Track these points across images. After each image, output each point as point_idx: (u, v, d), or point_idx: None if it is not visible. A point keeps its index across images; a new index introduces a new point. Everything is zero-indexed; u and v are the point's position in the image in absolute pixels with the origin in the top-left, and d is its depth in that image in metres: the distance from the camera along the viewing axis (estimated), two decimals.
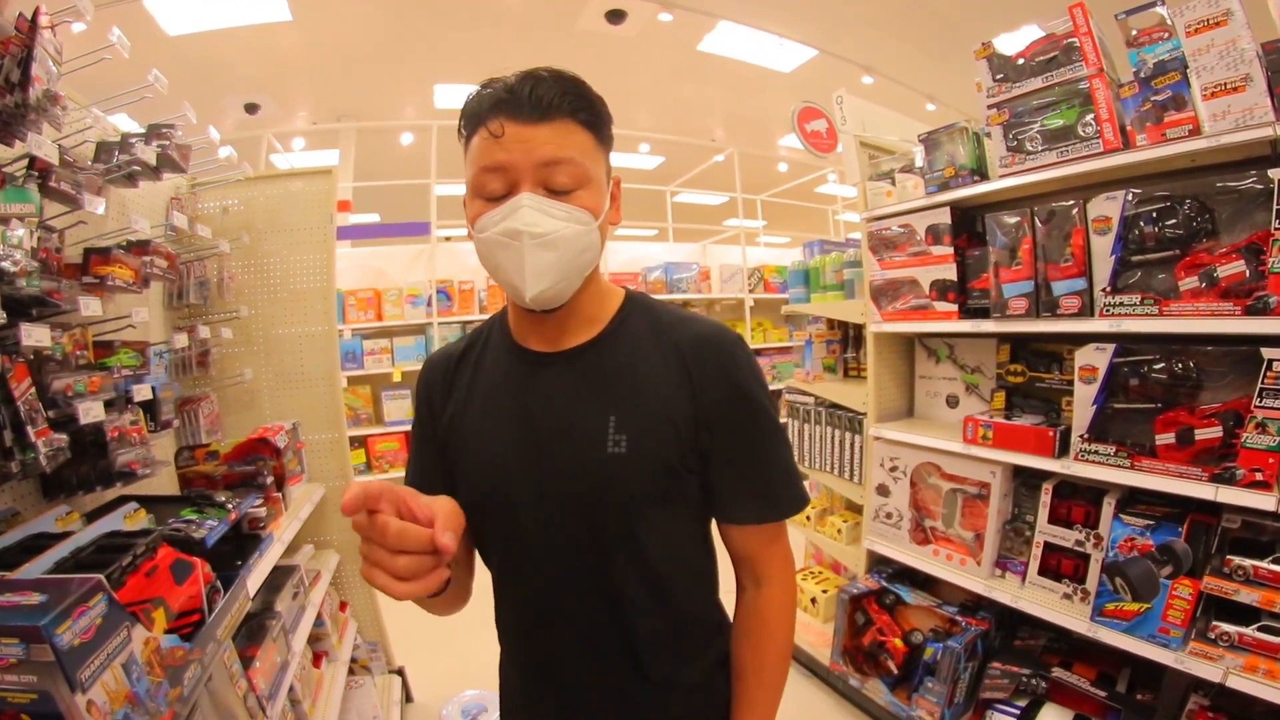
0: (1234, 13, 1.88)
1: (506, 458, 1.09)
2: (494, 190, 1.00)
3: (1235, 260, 1.89)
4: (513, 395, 1.13)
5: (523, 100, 0.97)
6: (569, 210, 0.99)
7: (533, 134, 0.97)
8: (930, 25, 7.04)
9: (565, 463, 1.06)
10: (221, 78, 7.23)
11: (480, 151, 1.00)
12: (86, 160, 1.82)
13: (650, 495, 1.06)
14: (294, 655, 2.15)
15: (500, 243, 0.99)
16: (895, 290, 2.96)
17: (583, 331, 1.13)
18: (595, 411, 1.06)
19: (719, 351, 1.10)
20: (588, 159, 1.02)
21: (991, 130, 2.48)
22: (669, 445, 1.06)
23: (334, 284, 3.06)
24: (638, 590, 1.08)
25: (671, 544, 1.11)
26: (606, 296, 1.17)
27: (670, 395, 1.07)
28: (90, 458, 1.67)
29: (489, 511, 1.12)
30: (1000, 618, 2.78)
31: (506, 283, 1.02)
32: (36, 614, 0.91)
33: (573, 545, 1.07)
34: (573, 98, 1.00)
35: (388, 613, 3.42)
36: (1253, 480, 1.85)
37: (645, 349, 1.11)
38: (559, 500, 1.06)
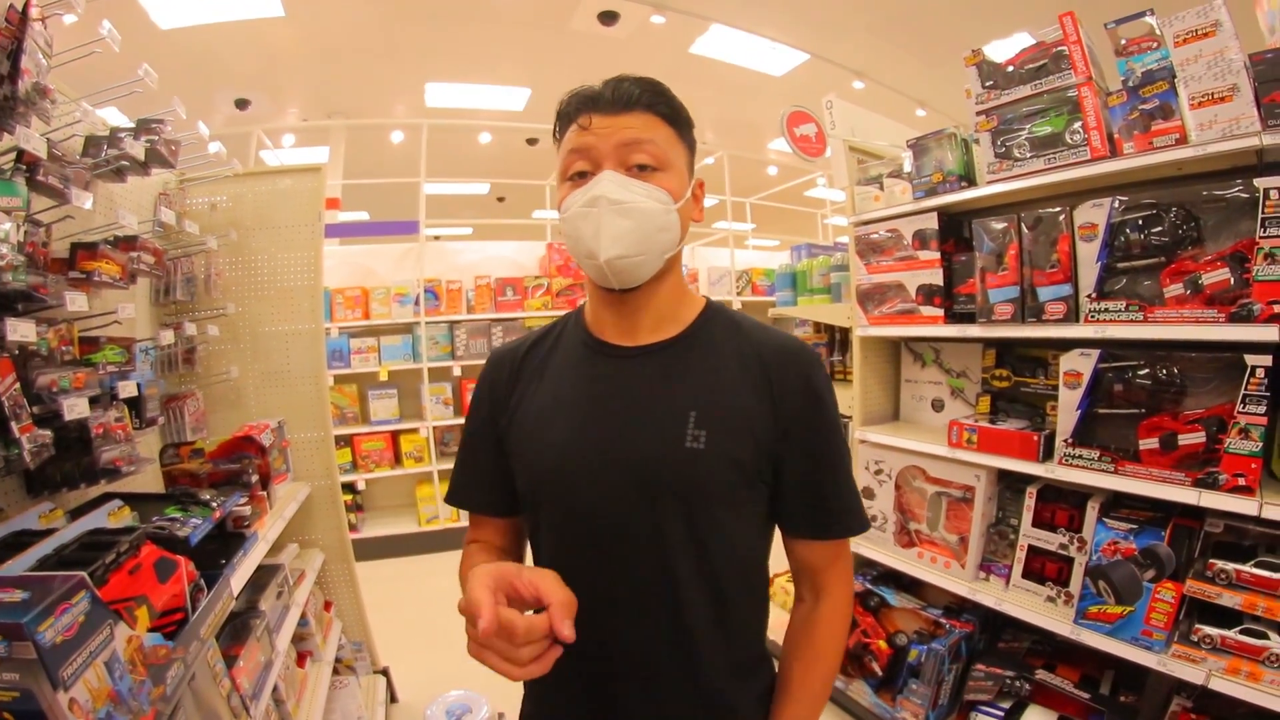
0: (1222, 24, 1.90)
1: (574, 443, 1.11)
2: (580, 170, 1.07)
3: (1220, 268, 1.91)
4: (587, 384, 1.15)
5: (606, 96, 1.06)
6: (647, 188, 1.05)
7: (614, 122, 1.05)
8: (922, 31, 7.08)
9: (640, 452, 1.07)
10: (213, 73, 7.20)
11: (568, 140, 1.09)
12: (75, 154, 1.80)
13: (722, 495, 1.08)
14: (278, 655, 2.14)
15: (581, 213, 1.05)
16: (882, 294, 2.97)
17: (663, 329, 1.16)
18: (676, 405, 1.09)
19: (800, 365, 1.13)
20: (667, 145, 1.09)
21: (980, 136, 2.50)
22: (746, 447, 1.08)
23: (321, 282, 3.05)
24: (698, 594, 1.08)
25: (734, 552, 1.12)
26: (688, 300, 1.21)
27: (750, 400, 1.09)
28: (74, 454, 1.65)
29: (548, 497, 1.14)
30: (984, 620, 2.79)
31: (584, 252, 1.07)
32: (18, 611, 0.91)
33: (635, 537, 1.08)
34: (651, 94, 1.08)
35: (373, 613, 3.41)
36: (1235, 485, 1.87)
37: (726, 353, 1.14)
38: (629, 488, 1.07)
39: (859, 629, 2.99)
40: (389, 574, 5.22)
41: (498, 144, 9.99)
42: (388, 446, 5.96)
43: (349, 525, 3.45)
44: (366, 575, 3.42)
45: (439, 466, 5.97)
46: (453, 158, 9.61)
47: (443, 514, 5.92)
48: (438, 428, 6.06)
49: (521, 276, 6.37)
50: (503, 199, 12.95)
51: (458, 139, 9.31)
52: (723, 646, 1.12)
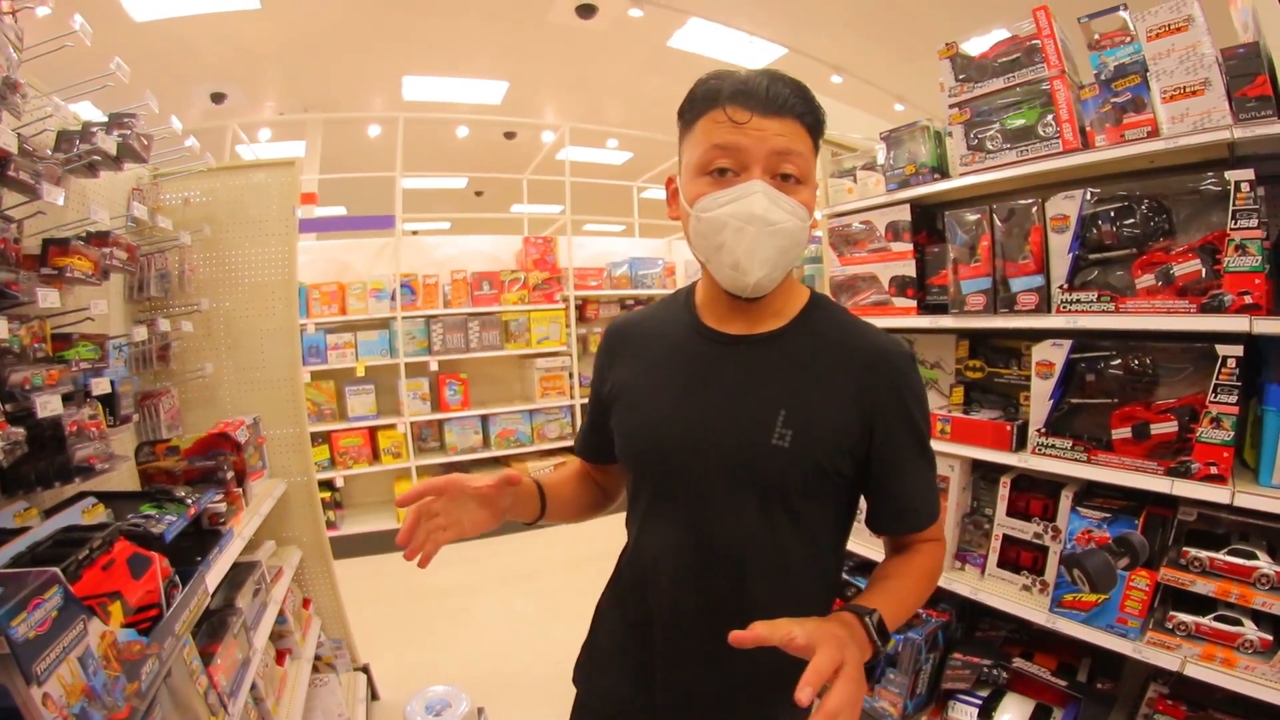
0: (1195, 19, 1.92)
1: (671, 421, 1.16)
2: (722, 167, 1.06)
3: (1191, 259, 1.94)
4: (688, 366, 1.20)
5: (760, 94, 1.03)
6: (793, 205, 1.06)
7: (767, 125, 1.03)
8: (900, 26, 7.10)
9: (729, 441, 1.12)
10: (188, 66, 7.10)
11: (713, 131, 1.06)
12: (46, 149, 1.78)
13: (800, 489, 1.13)
14: (256, 652, 2.13)
15: (730, 225, 1.05)
16: (855, 286, 2.99)
17: (768, 321, 1.19)
18: (767, 401, 1.12)
19: (894, 365, 1.16)
20: (810, 157, 1.10)
21: (953, 129, 2.51)
22: (829, 448, 1.12)
23: (295, 277, 3.03)
24: (765, 574, 1.13)
25: (806, 536, 1.17)
26: (794, 292, 1.23)
27: (840, 398, 1.13)
28: (48, 453, 1.64)
29: (639, 468, 1.21)
30: (961, 609, 2.82)
31: (730, 264, 1.08)
32: None
33: (715, 516, 1.13)
34: (803, 101, 1.07)
35: (352, 610, 3.40)
36: (1208, 474, 1.89)
37: (824, 349, 1.17)
38: (714, 474, 1.13)
39: None
40: (368, 571, 5.19)
41: (475, 138, 9.94)
42: (365, 443, 5.93)
43: (328, 522, 3.44)
44: (346, 572, 3.41)
45: (417, 462, 5.95)
46: (430, 152, 9.55)
47: None
48: (415, 423, 6.04)
49: (498, 271, 6.36)
50: (480, 193, 12.90)
51: (435, 133, 9.25)
52: None
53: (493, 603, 4.61)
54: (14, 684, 0.90)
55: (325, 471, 5.68)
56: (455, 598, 4.64)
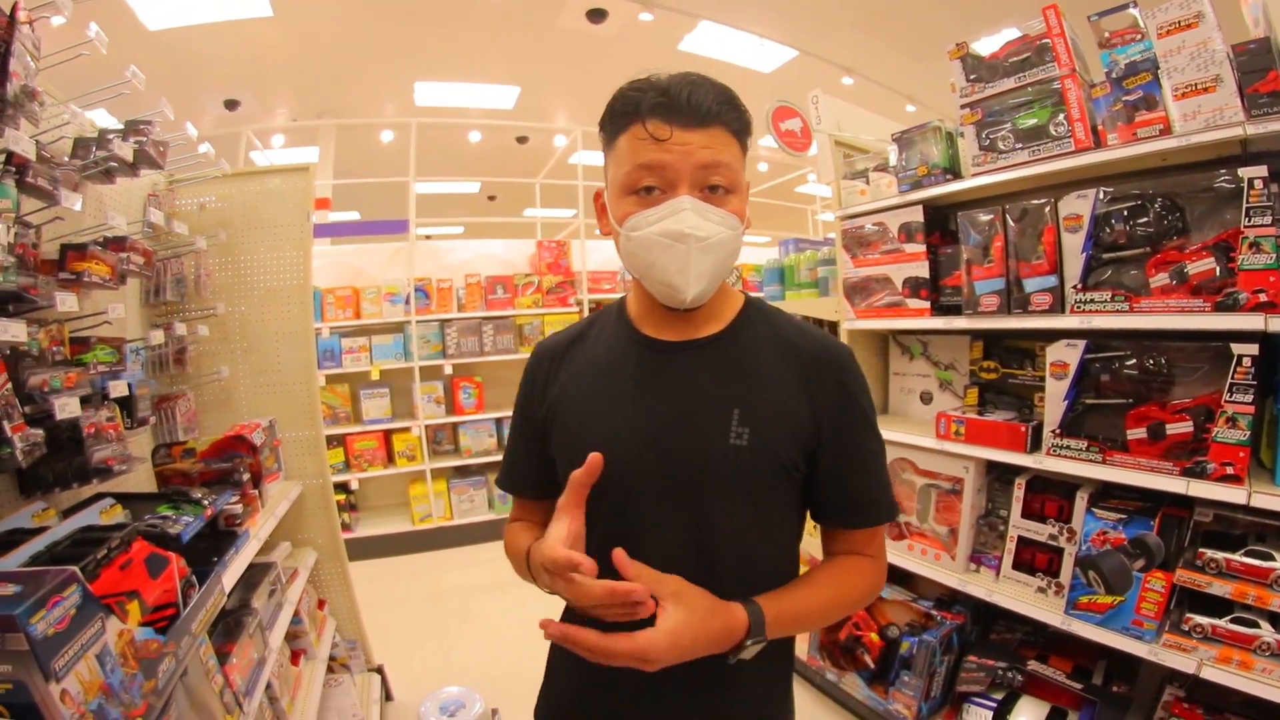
0: (1205, 15, 1.91)
1: (622, 435, 1.12)
2: (649, 186, 1.03)
3: (1205, 257, 1.93)
4: (632, 377, 1.17)
5: (682, 104, 1.00)
6: (723, 215, 1.05)
7: (691, 138, 1.01)
8: (911, 27, 7.09)
9: (686, 446, 1.10)
10: (202, 73, 7.18)
11: (636, 149, 1.03)
12: (64, 156, 1.80)
13: (762, 489, 1.12)
14: (271, 652, 2.14)
15: (660, 243, 1.03)
16: (869, 288, 2.99)
17: (707, 326, 1.18)
18: (720, 402, 1.11)
19: (836, 362, 1.16)
20: (738, 165, 1.07)
21: (965, 129, 2.51)
22: (786, 444, 1.11)
23: (310, 281, 3.05)
24: (734, 580, 1.09)
25: (770, 538, 1.16)
26: (729, 296, 1.23)
27: (790, 398, 1.12)
28: (66, 454, 1.65)
29: (596, 486, 1.12)
30: (976, 612, 2.81)
31: (663, 282, 1.06)
32: (11, 604, 0.91)
33: (678, 526, 1.10)
34: (728, 107, 1.05)
35: (367, 612, 3.41)
36: (1223, 474, 1.88)
37: (766, 350, 1.16)
38: (673, 481, 1.10)
39: (850, 621, 3.00)
40: (383, 573, 5.22)
41: (488, 142, 9.99)
42: (380, 446, 5.95)
43: (343, 525, 3.46)
44: (360, 574, 3.42)
45: (431, 465, 5.97)
46: (443, 157, 9.59)
47: (436, 513, 5.92)
48: (430, 426, 6.06)
49: (512, 274, 6.37)
50: (493, 197, 12.95)
51: (447, 138, 9.29)
52: None
53: (507, 605, 4.61)
54: (33, 680, 0.91)
55: (340, 474, 5.70)
56: (469, 599, 4.65)
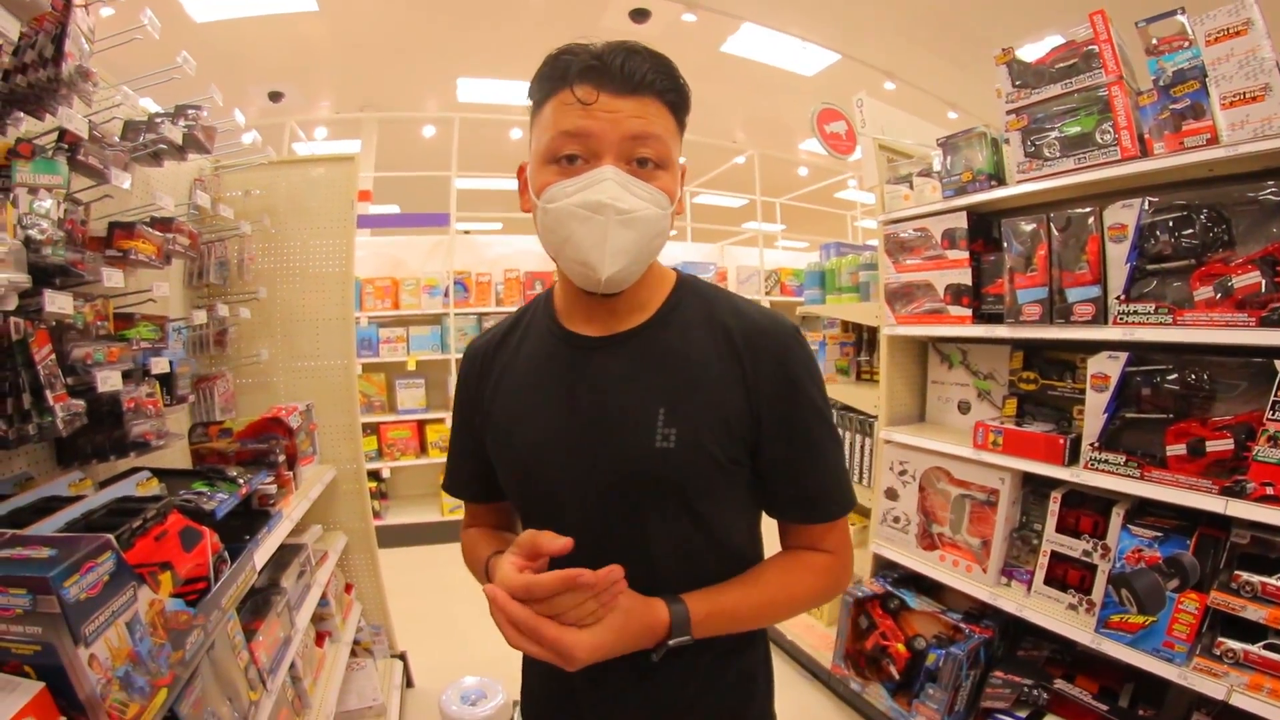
0: (1254, 22, 1.87)
1: (548, 443, 1.06)
2: (571, 154, 0.96)
3: (1251, 271, 1.88)
4: (556, 379, 1.09)
5: (614, 70, 0.93)
6: (650, 191, 0.96)
7: (620, 106, 0.94)
8: (953, 33, 7.02)
9: (611, 452, 1.03)
10: (246, 66, 7.31)
11: (560, 115, 0.95)
12: (114, 137, 1.84)
13: (698, 489, 1.04)
14: (297, 632, 2.17)
15: (578, 215, 0.94)
16: (910, 294, 2.96)
17: (633, 316, 1.09)
18: (644, 402, 1.03)
19: (774, 343, 1.06)
20: (671, 140, 1.00)
21: (1010, 136, 2.48)
22: (718, 441, 1.02)
23: (353, 270, 3.10)
24: (681, 581, 1.04)
25: (716, 536, 1.08)
26: (658, 280, 1.13)
27: (722, 387, 1.04)
28: (106, 427, 1.69)
29: (529, 495, 1.11)
30: (1004, 626, 2.77)
31: (577, 259, 0.97)
32: (45, 566, 0.93)
33: (615, 534, 1.04)
34: (664, 77, 0.97)
35: (393, 598, 3.45)
36: (1263, 494, 1.83)
37: (698, 336, 1.07)
38: (603, 489, 1.04)
39: (877, 631, 2.98)
40: (411, 561, 5.27)
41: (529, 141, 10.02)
42: (414, 436, 6.02)
43: (373, 512, 3.50)
44: (388, 561, 3.46)
45: None
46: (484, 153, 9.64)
47: None
48: None
49: (550, 271, 6.38)
50: None
51: (489, 134, 9.35)
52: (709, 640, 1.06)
53: None
54: (62, 644, 0.93)
55: (373, 462, 5.78)
56: None
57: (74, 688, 0.95)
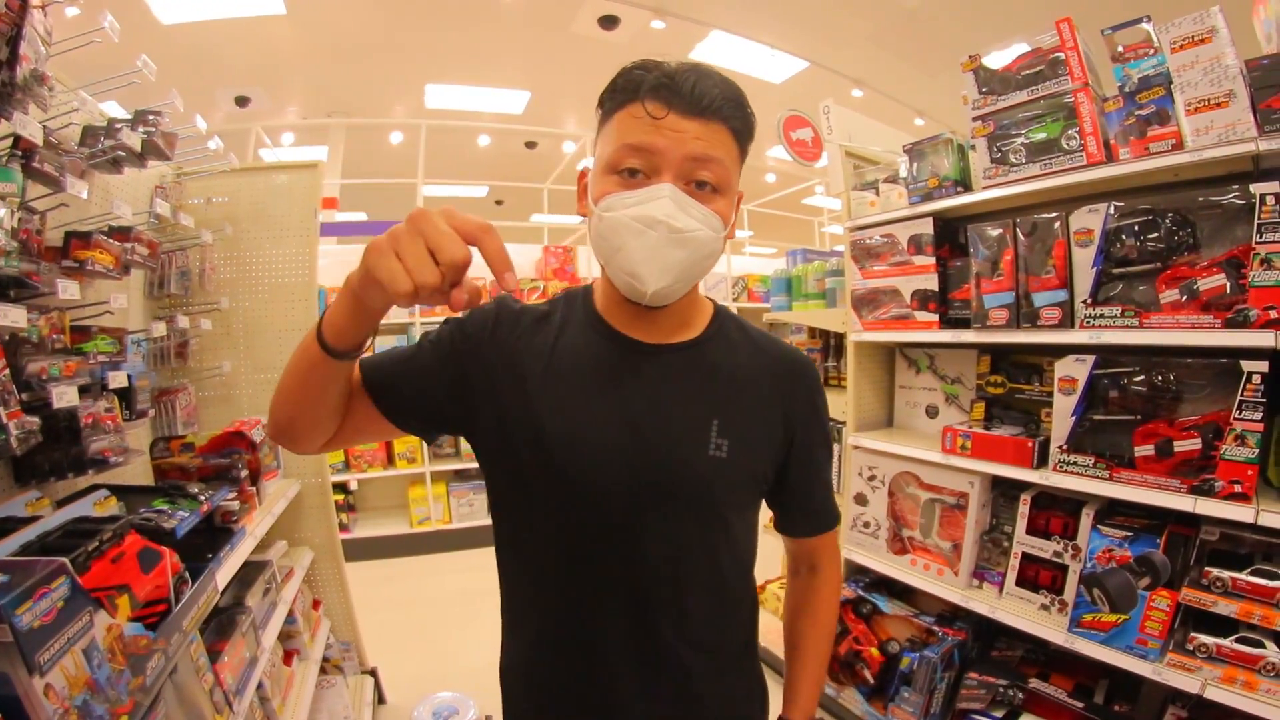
0: (1219, 30, 1.90)
1: (594, 438, 1.06)
2: (633, 168, 0.97)
3: (1216, 274, 1.91)
4: (606, 376, 1.10)
5: (685, 91, 0.95)
6: (705, 213, 0.98)
7: (686, 126, 0.95)
8: (922, 41, 7.10)
9: (663, 456, 1.06)
10: (213, 69, 7.20)
11: (628, 128, 0.97)
12: (71, 143, 1.80)
13: (738, 502, 1.12)
14: (264, 652, 2.12)
15: (632, 228, 0.96)
16: (877, 300, 2.97)
17: (679, 331, 1.14)
18: (699, 412, 1.08)
19: (806, 376, 1.19)
20: (731, 166, 1.01)
21: (976, 142, 2.49)
22: (762, 456, 1.12)
23: (316, 279, 3.04)
24: (702, 591, 1.12)
25: (737, 551, 1.17)
26: (700, 304, 1.20)
27: (767, 409, 1.13)
28: (63, 444, 1.64)
29: (557, 484, 1.08)
30: (977, 628, 2.78)
31: (627, 271, 0.99)
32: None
33: (648, 534, 1.06)
34: (731, 104, 0.99)
35: (362, 614, 3.39)
36: (1231, 492, 1.86)
37: (741, 360, 1.15)
38: (647, 491, 1.05)
39: (851, 636, 2.98)
40: (379, 575, 5.20)
41: (497, 147, 10.00)
42: (380, 447, 5.94)
43: (340, 525, 3.45)
44: (357, 575, 3.40)
45: (432, 468, 5.95)
46: (451, 160, 9.61)
47: (434, 516, 5.89)
48: None
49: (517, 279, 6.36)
50: (501, 202, 12.96)
51: (457, 141, 9.32)
52: (720, 641, 1.17)
53: None
54: (16, 673, 0.89)
55: (339, 474, 5.69)
56: (466, 604, 4.62)
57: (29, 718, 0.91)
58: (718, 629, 1.15)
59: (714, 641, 1.15)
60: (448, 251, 0.74)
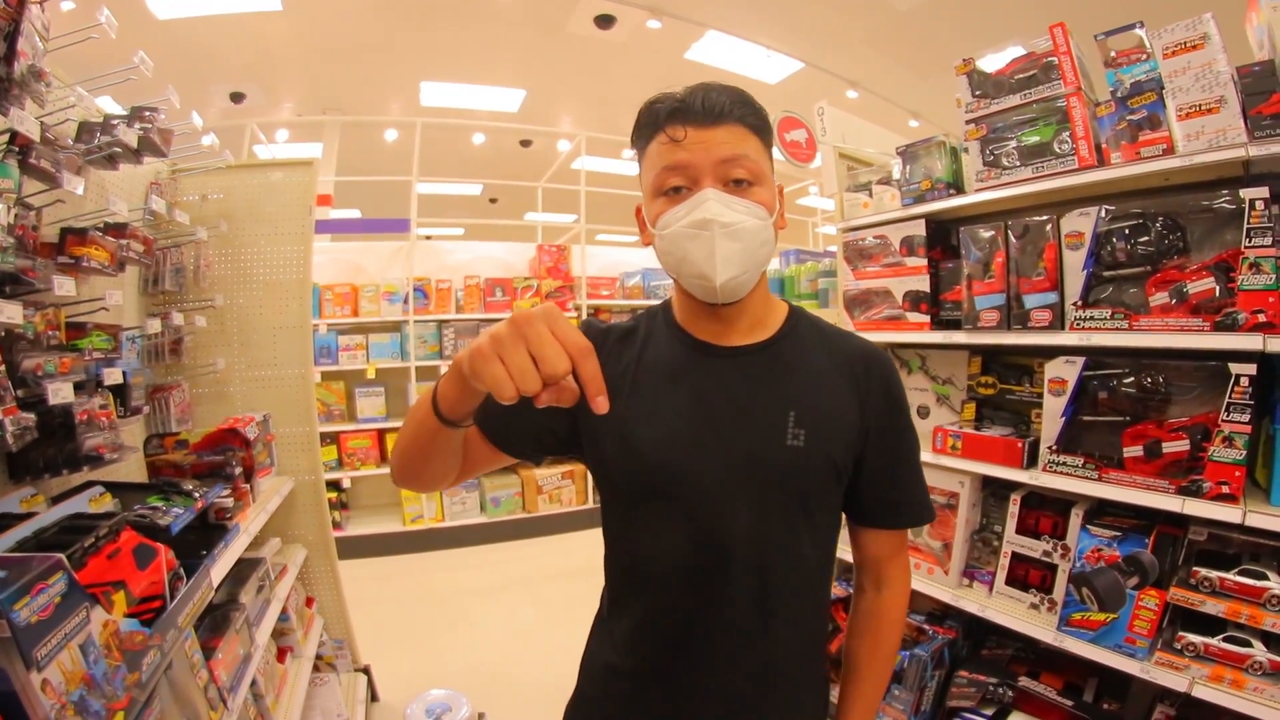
0: (1211, 36, 1.92)
1: (679, 439, 1.13)
2: (676, 185, 1.07)
3: (1205, 277, 1.92)
4: (687, 379, 1.17)
5: (697, 107, 1.05)
6: (748, 205, 1.07)
7: (709, 135, 1.05)
8: (916, 43, 7.12)
9: (744, 449, 1.11)
10: (209, 65, 7.19)
11: (660, 154, 1.08)
12: (68, 139, 1.80)
13: (818, 492, 1.15)
14: (257, 648, 2.13)
15: (689, 234, 1.06)
16: (869, 300, 2.98)
17: (754, 332, 1.20)
18: (775, 405, 1.13)
19: (882, 367, 1.21)
20: (759, 158, 1.10)
21: (969, 145, 2.51)
22: (840, 445, 1.14)
23: (310, 277, 3.04)
24: (787, 587, 1.14)
25: (820, 544, 1.19)
26: (774, 304, 1.26)
27: (842, 400, 1.16)
28: (58, 440, 1.64)
29: (650, 489, 1.15)
30: (968, 627, 2.80)
31: (695, 274, 1.08)
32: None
33: (736, 530, 1.11)
34: (741, 104, 1.08)
35: (355, 611, 3.39)
36: (1219, 493, 1.88)
37: (816, 355, 1.20)
38: (732, 486, 1.11)
39: (841, 634, 2.98)
40: (372, 572, 5.20)
41: (491, 145, 10.00)
42: (374, 445, 5.94)
43: (334, 523, 3.45)
44: (350, 573, 3.41)
45: None
46: (446, 157, 9.60)
47: (427, 514, 5.89)
48: None
49: (511, 277, 6.37)
50: (495, 200, 12.96)
51: (451, 139, 9.30)
52: (797, 629, 1.19)
53: (495, 608, 4.60)
54: (13, 668, 0.90)
55: (333, 472, 5.69)
56: (459, 602, 4.63)
57: (27, 714, 0.91)
58: (796, 616, 1.18)
59: (791, 626, 1.17)
60: (551, 364, 0.74)
